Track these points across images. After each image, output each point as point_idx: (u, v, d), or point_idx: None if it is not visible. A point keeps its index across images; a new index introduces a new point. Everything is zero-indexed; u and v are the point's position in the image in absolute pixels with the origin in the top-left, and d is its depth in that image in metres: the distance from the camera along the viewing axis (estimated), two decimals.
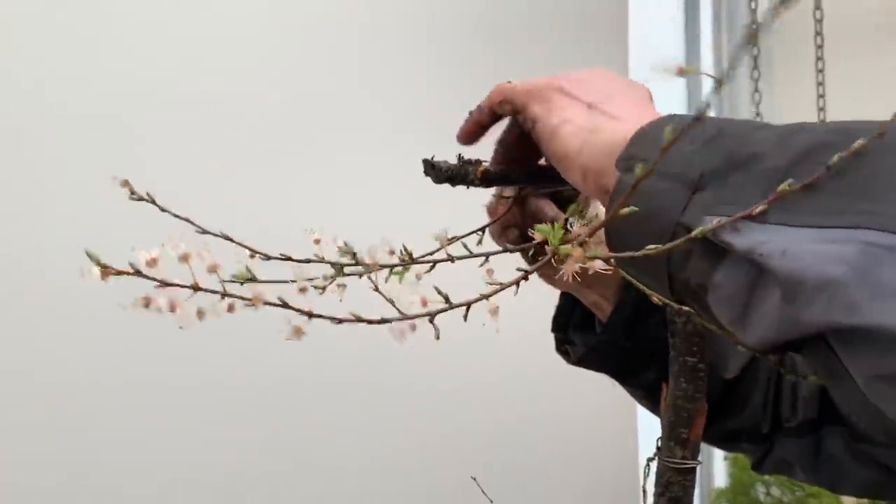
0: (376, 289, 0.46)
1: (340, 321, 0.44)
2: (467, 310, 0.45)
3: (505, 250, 0.50)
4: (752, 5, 1.39)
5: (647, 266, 0.40)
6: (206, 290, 0.36)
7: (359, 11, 1.35)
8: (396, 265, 0.49)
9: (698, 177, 0.38)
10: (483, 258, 0.53)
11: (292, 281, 0.44)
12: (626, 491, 1.29)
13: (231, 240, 0.48)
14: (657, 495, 0.73)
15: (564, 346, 0.71)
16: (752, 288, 0.36)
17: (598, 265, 0.39)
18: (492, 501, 0.73)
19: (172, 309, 0.34)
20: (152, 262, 0.34)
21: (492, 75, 0.57)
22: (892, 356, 0.31)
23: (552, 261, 0.41)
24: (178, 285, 0.35)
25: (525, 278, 0.44)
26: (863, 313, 0.31)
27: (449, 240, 0.53)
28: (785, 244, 0.34)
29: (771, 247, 0.34)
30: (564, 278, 0.40)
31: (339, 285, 0.49)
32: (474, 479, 0.78)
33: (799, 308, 0.33)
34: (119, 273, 0.33)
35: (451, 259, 0.52)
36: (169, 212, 0.48)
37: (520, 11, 1.43)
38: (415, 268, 0.50)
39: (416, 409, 1.33)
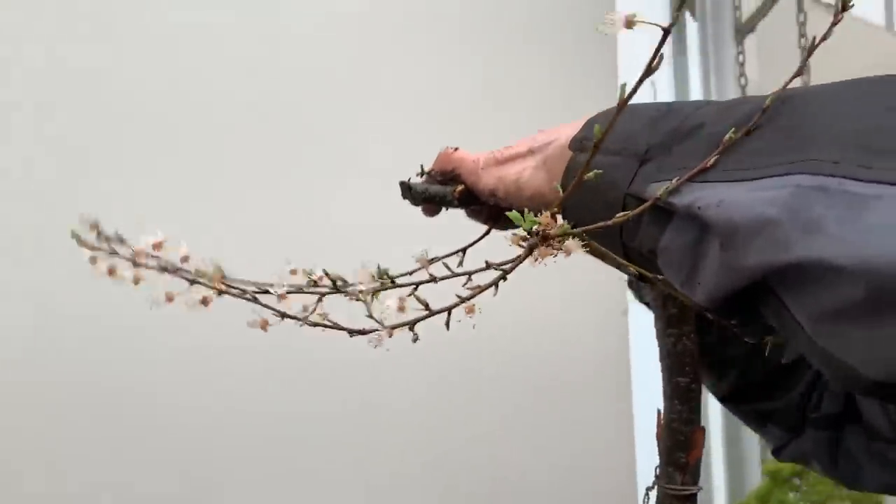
0: (357, 299, 0.46)
1: (315, 325, 0.43)
2: (448, 315, 0.45)
3: (487, 266, 0.50)
4: (736, 3, 1.42)
5: (605, 241, 0.41)
6: (176, 273, 0.36)
7: (346, 20, 1.37)
8: (377, 289, 0.49)
9: (644, 150, 0.40)
10: (466, 277, 0.53)
11: (263, 291, 0.44)
12: None
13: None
14: None
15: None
16: (697, 246, 0.36)
17: (572, 247, 0.39)
18: None
19: (136, 281, 0.34)
20: (158, 246, 0.34)
21: (480, 82, 0.58)
22: (829, 290, 0.31)
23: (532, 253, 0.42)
24: (149, 266, 0.35)
25: (504, 278, 0.44)
26: (796, 249, 0.31)
27: (430, 261, 0.53)
28: (720, 196, 0.35)
29: (707, 200, 0.35)
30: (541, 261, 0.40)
31: (319, 314, 0.49)
32: None
33: (736, 254, 0.34)
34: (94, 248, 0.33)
35: (433, 280, 0.52)
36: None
37: (506, 17, 1.47)
38: (397, 291, 0.50)
39: (410, 446, 1.30)
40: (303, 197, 1.27)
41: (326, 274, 0.50)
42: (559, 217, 0.39)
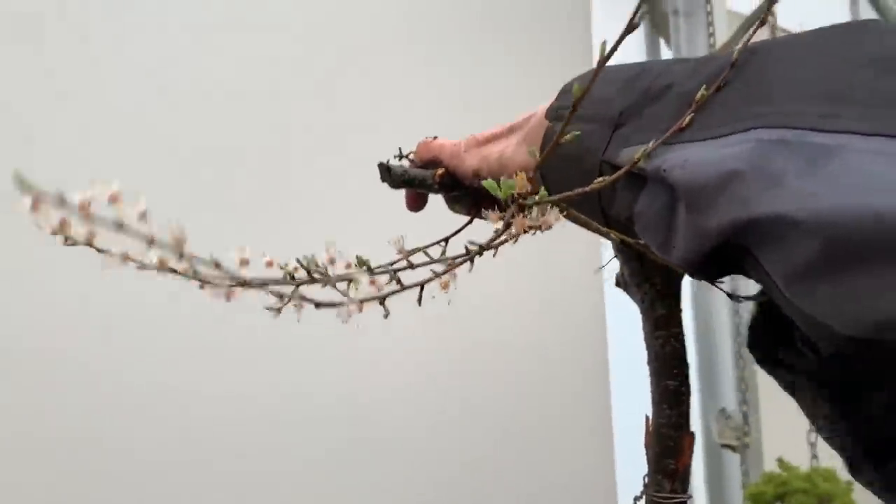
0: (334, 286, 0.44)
1: (280, 296, 0.42)
2: (421, 290, 0.43)
3: (466, 253, 0.48)
4: (708, 7, 1.43)
5: (586, 210, 0.41)
6: (133, 235, 0.34)
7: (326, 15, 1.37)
8: (352, 278, 0.48)
9: (617, 114, 0.40)
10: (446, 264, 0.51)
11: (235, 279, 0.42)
12: None
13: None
14: None
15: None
16: (669, 209, 0.36)
17: (551, 219, 0.38)
18: None
19: (89, 241, 0.32)
20: (115, 198, 0.33)
21: (458, 76, 0.58)
22: (791, 247, 0.29)
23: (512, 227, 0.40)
24: (106, 226, 0.33)
25: (480, 253, 0.43)
26: (757, 205, 0.31)
27: (410, 252, 0.51)
28: (685, 156, 0.34)
29: (672, 161, 0.35)
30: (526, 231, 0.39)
31: (295, 305, 0.47)
32: None
33: (700, 215, 0.33)
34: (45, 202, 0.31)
35: (410, 266, 0.50)
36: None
37: (482, 11, 1.47)
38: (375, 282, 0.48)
39: (389, 449, 1.26)
40: (284, 188, 1.26)
41: (301, 265, 0.48)
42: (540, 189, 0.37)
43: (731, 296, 0.42)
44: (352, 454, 1.23)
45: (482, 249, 0.42)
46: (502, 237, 0.39)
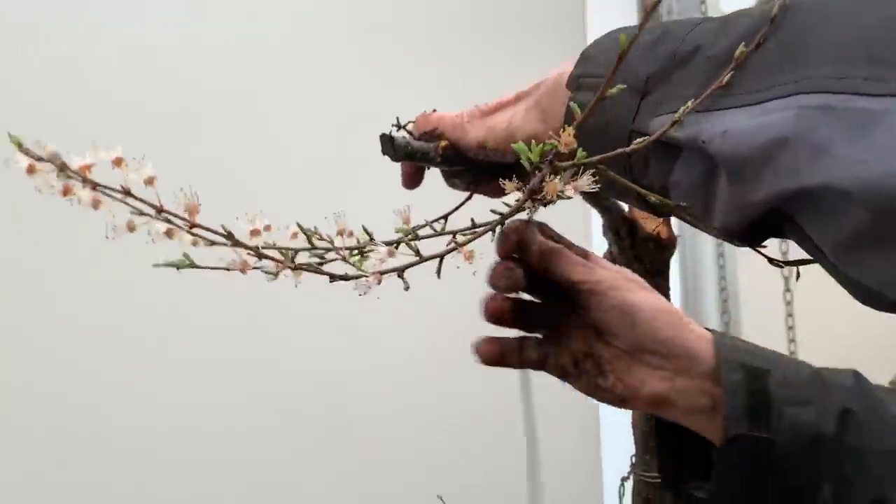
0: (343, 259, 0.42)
1: (297, 268, 0.39)
2: (440, 262, 0.41)
3: (473, 224, 0.46)
4: (703, 7, 1.43)
5: (616, 181, 0.38)
6: (138, 199, 0.31)
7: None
8: (357, 248, 0.45)
9: (644, 81, 0.38)
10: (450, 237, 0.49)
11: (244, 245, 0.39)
12: None
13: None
14: None
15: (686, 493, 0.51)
16: (707, 179, 0.35)
17: (583, 184, 0.36)
18: None
19: (95, 206, 0.29)
20: (118, 162, 0.30)
21: (450, 72, 0.55)
22: (840, 217, 0.29)
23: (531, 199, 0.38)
24: (108, 188, 0.30)
25: (502, 223, 0.41)
26: (805, 175, 0.30)
27: (414, 228, 0.49)
28: (724, 125, 0.33)
29: (710, 131, 0.34)
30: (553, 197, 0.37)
31: (294, 270, 0.44)
32: (440, 498, 0.73)
33: (745, 188, 0.33)
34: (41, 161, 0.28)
35: (416, 237, 0.48)
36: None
37: (475, 8, 1.44)
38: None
39: (382, 433, 1.24)
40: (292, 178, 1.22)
41: (315, 234, 0.45)
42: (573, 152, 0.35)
43: (771, 260, 0.41)
44: (336, 450, 1.21)
45: (504, 218, 0.40)
46: (530, 202, 0.37)
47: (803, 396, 0.45)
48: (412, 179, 0.55)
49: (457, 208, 0.54)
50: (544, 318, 0.48)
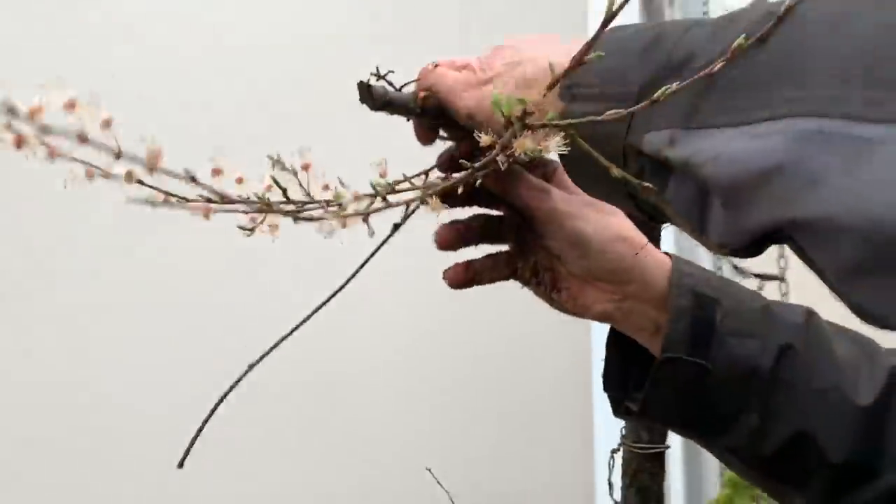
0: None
1: (260, 210, 0.39)
2: (406, 209, 0.41)
3: (446, 176, 0.45)
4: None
5: (611, 192, 0.39)
6: (95, 146, 0.30)
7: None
8: (333, 202, 0.45)
9: (637, 92, 0.36)
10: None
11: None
12: (583, 480, 1.26)
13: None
14: (625, 487, 0.68)
15: (625, 405, 0.54)
16: (700, 199, 0.35)
17: (551, 145, 0.36)
18: (448, 492, 0.69)
19: (51, 156, 0.28)
20: (71, 106, 0.29)
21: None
22: (841, 248, 0.29)
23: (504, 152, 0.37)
24: (63, 136, 0.29)
25: (472, 178, 0.40)
26: (801, 205, 0.29)
27: (396, 181, 0.48)
28: (716, 149, 0.32)
29: (703, 155, 0.33)
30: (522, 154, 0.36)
31: (270, 225, 0.44)
32: (429, 471, 0.75)
33: (739, 213, 0.32)
34: None
35: (392, 190, 0.47)
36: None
37: (475, 9, 1.42)
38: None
39: (373, 403, 1.27)
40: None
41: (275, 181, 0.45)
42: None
43: (763, 276, 0.41)
44: (326, 441, 1.22)
45: (475, 171, 0.40)
46: (498, 157, 0.37)
47: (748, 329, 0.47)
48: (426, 134, 0.52)
49: (435, 166, 0.53)
50: (511, 232, 0.51)
